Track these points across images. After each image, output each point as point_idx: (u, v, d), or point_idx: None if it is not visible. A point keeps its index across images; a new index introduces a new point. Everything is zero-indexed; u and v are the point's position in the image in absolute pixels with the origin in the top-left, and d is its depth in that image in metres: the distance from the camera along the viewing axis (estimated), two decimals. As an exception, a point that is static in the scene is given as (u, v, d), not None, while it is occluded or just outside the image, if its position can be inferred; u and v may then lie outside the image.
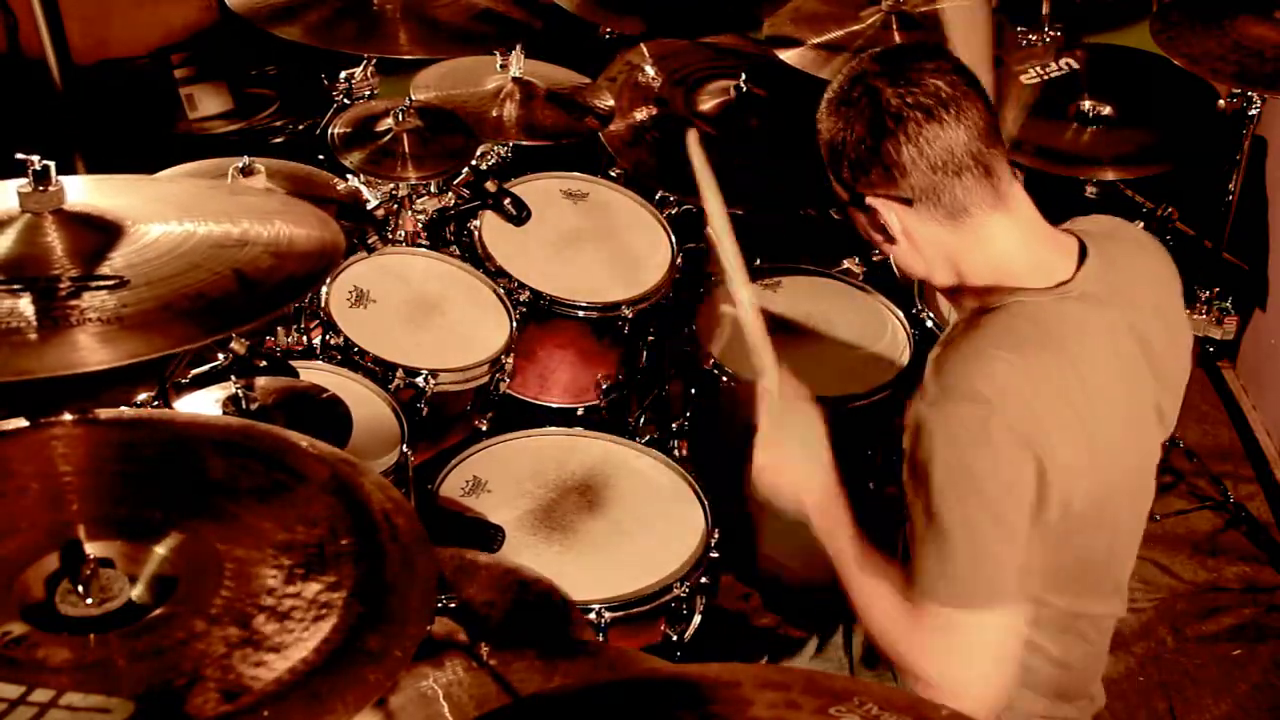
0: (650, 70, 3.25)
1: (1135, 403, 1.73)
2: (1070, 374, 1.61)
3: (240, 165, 2.34)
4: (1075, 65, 3.05)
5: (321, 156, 2.62)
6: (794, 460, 1.76)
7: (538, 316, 2.66)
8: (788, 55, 2.85)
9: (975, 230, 1.65)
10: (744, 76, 3.17)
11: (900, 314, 2.75)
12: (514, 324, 2.59)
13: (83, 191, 1.53)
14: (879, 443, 2.65)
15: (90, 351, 1.28)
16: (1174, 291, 1.81)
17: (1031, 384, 1.57)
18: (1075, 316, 1.64)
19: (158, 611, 1.09)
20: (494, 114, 2.83)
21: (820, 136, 1.71)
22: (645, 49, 3.27)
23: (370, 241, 2.50)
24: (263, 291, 1.42)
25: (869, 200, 1.66)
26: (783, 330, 2.72)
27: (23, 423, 1.27)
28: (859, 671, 1.94)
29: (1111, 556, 1.77)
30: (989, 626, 1.57)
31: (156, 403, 1.84)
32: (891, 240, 1.69)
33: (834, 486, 1.75)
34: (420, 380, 2.42)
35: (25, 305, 1.33)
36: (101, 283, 1.36)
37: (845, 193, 1.70)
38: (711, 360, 2.59)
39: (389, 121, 2.62)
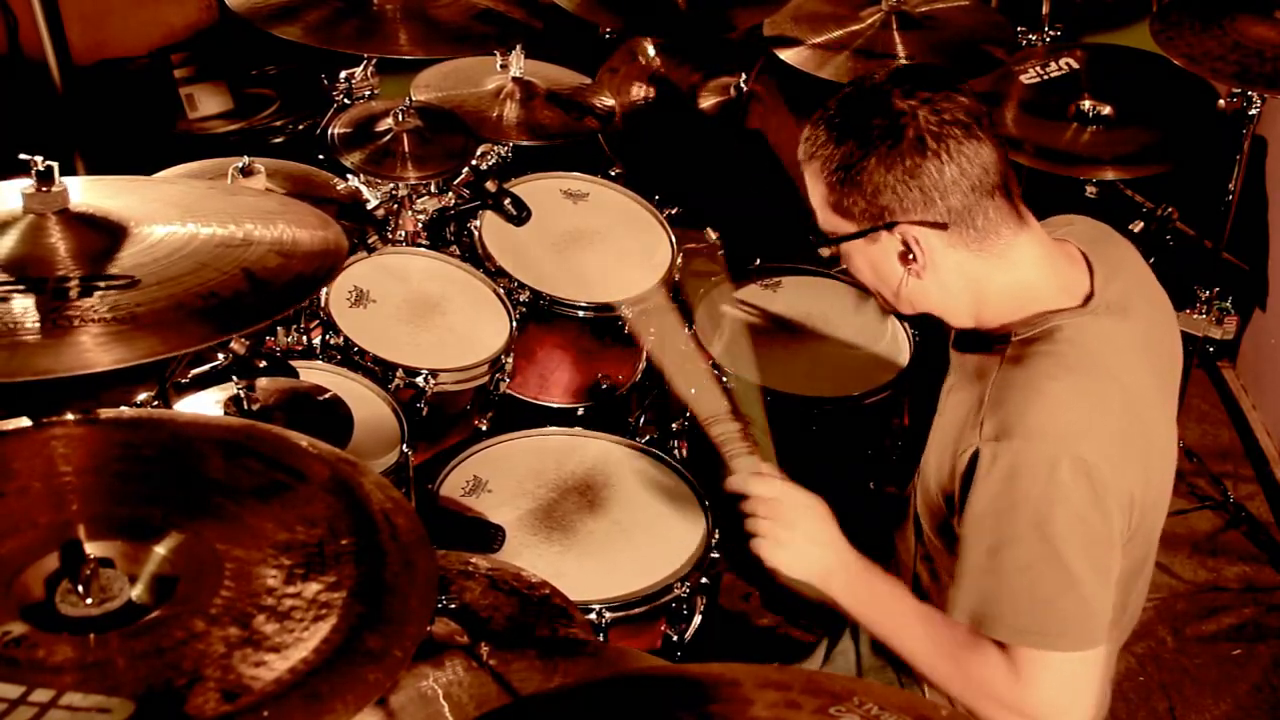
0: (651, 51, 3.24)
1: (1166, 418, 1.73)
2: (1121, 396, 1.59)
3: (240, 165, 2.34)
4: (1075, 65, 3.05)
5: (321, 156, 2.62)
6: (806, 557, 1.72)
7: (538, 316, 2.66)
8: (787, 54, 2.86)
9: (1003, 254, 1.62)
10: (744, 75, 3.17)
11: (900, 314, 2.75)
12: (514, 324, 2.59)
13: (82, 192, 1.53)
14: (879, 443, 2.65)
15: (105, 351, 1.28)
16: (1160, 289, 1.81)
17: (1090, 413, 1.55)
18: (1109, 333, 1.62)
19: (158, 611, 1.09)
20: (494, 114, 2.83)
21: (821, 162, 1.63)
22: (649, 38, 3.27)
23: (370, 241, 2.50)
24: (273, 290, 1.43)
25: (899, 229, 1.61)
26: (783, 330, 2.72)
27: (24, 423, 1.27)
28: (869, 674, 1.94)
29: (1142, 574, 1.77)
30: (1089, 662, 1.56)
31: (156, 403, 1.84)
32: (911, 270, 1.63)
33: (855, 562, 1.71)
34: (420, 380, 2.42)
35: (37, 306, 1.33)
36: (112, 283, 1.37)
37: (853, 224, 1.64)
38: (711, 360, 2.59)
39: (389, 121, 2.62)
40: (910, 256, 1.63)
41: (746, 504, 1.74)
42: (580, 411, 2.76)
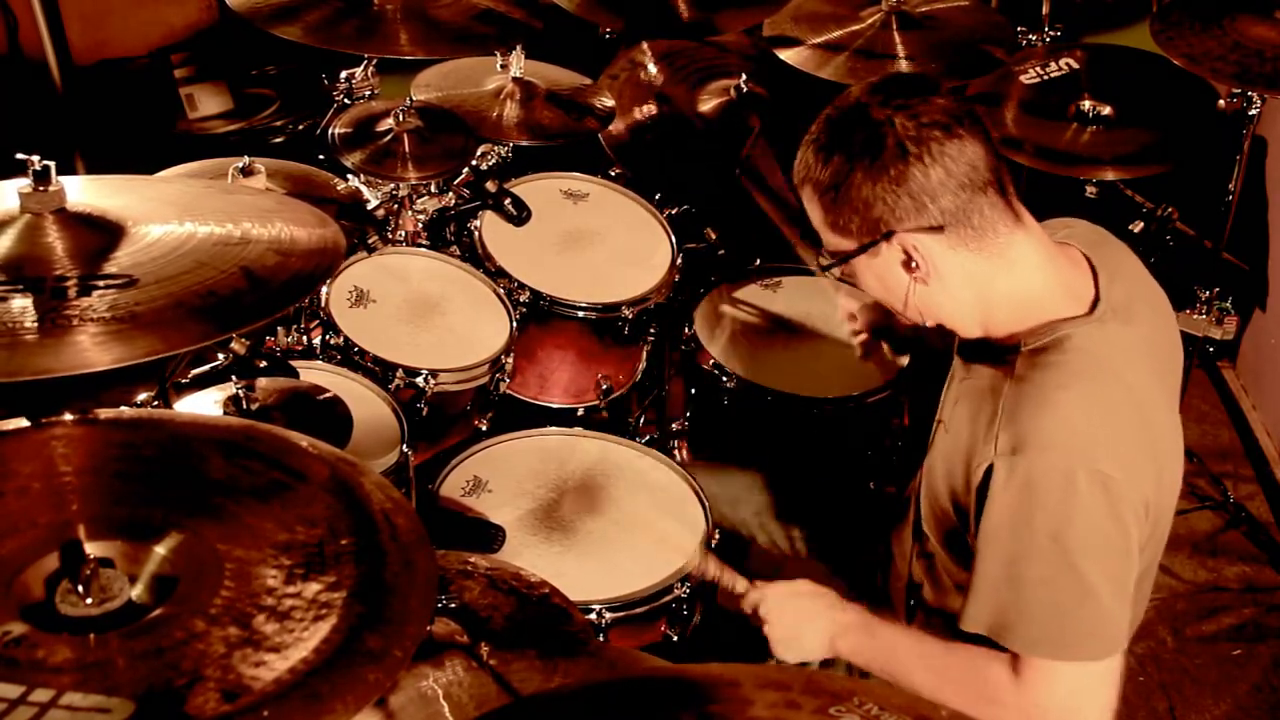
0: (652, 68, 3.25)
1: (1172, 421, 1.72)
2: (1131, 401, 1.59)
3: (240, 165, 2.34)
4: (1075, 65, 3.05)
5: (322, 156, 2.62)
6: (810, 642, 1.82)
7: (538, 316, 2.66)
8: (787, 55, 2.86)
9: (1003, 253, 1.62)
10: (744, 77, 3.17)
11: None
12: (514, 324, 2.59)
13: (80, 191, 1.53)
14: (879, 443, 2.65)
15: (104, 350, 1.28)
16: (1160, 291, 1.81)
17: (1104, 421, 1.55)
18: (1116, 339, 1.62)
19: (158, 611, 1.09)
20: (494, 114, 2.83)
21: (813, 185, 1.63)
22: (648, 47, 3.27)
23: (370, 241, 2.50)
24: (272, 288, 1.43)
25: (897, 238, 1.61)
26: (783, 330, 2.72)
27: (23, 423, 1.27)
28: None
29: (1147, 576, 1.77)
30: (1106, 673, 1.57)
31: (156, 403, 1.84)
32: (916, 277, 1.63)
33: (852, 624, 1.78)
34: (420, 380, 2.42)
35: (35, 305, 1.33)
36: (110, 282, 1.37)
37: (853, 241, 1.64)
38: (711, 360, 2.59)
39: (389, 121, 2.62)
40: (913, 264, 1.62)
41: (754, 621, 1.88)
42: (580, 411, 2.76)
